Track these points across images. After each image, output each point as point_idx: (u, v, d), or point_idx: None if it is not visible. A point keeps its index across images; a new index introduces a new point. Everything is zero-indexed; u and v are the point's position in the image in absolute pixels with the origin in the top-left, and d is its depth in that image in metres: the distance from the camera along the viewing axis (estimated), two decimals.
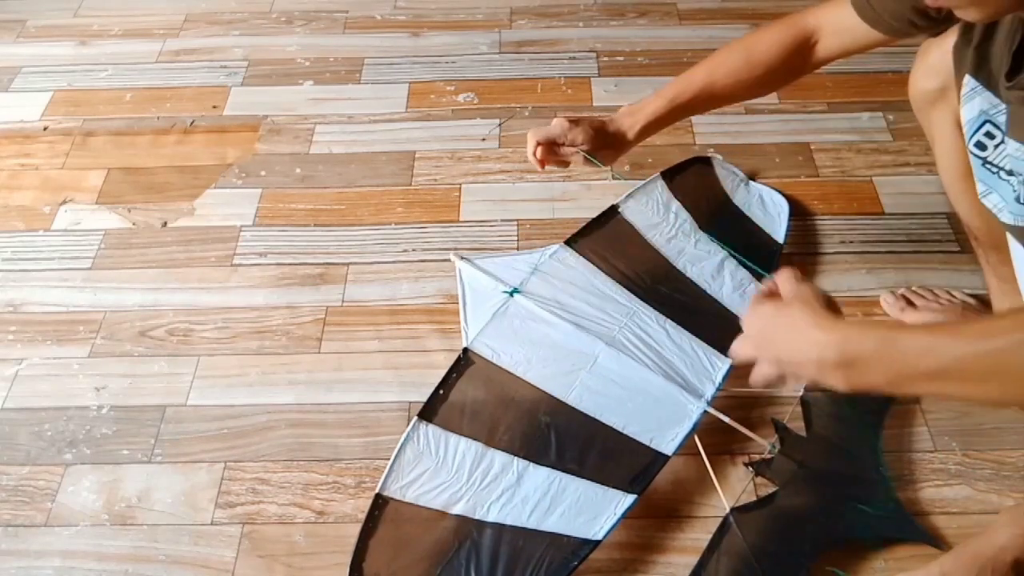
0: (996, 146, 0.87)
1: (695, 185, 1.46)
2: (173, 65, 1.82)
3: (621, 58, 1.79)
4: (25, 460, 1.17)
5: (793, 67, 1.08)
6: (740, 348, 0.79)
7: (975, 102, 0.89)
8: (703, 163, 1.51)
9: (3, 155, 1.63)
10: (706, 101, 1.12)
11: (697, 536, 1.06)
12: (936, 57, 1.03)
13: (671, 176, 1.46)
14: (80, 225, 1.49)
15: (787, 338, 0.74)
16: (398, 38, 1.87)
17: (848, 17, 1.00)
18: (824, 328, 0.71)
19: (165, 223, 1.49)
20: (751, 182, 1.49)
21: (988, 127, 0.88)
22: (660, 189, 1.43)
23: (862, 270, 1.36)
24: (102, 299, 1.37)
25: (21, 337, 1.32)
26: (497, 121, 1.65)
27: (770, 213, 1.43)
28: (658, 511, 1.09)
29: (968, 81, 0.90)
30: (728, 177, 1.49)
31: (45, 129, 1.68)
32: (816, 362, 0.71)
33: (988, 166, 0.89)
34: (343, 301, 1.35)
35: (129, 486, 1.14)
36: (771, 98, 1.67)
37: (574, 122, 1.12)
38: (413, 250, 1.42)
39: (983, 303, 1.27)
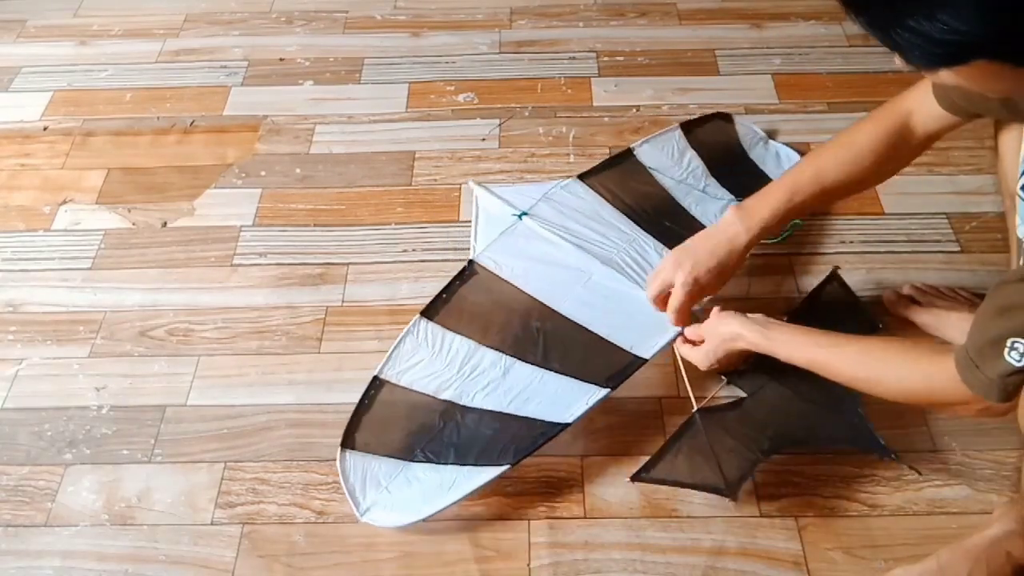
0: None
1: (713, 138, 1.52)
2: (173, 65, 1.82)
3: (621, 58, 1.79)
4: (25, 460, 1.17)
5: (896, 152, 1.09)
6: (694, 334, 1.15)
7: None
8: (724, 119, 1.56)
9: (3, 155, 1.63)
10: (817, 198, 1.12)
11: (697, 536, 1.06)
12: None
13: (690, 128, 1.52)
14: (80, 225, 1.49)
15: (727, 323, 1.09)
16: (398, 38, 1.87)
17: (932, 100, 1.02)
18: (743, 325, 1.07)
19: (165, 223, 1.49)
20: (771, 141, 1.52)
21: None
22: (677, 138, 1.51)
23: (862, 270, 1.36)
24: (102, 299, 1.37)
25: (21, 337, 1.32)
26: (497, 121, 1.65)
27: (783, 168, 1.46)
28: (658, 510, 1.09)
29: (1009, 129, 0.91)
30: (748, 134, 1.53)
31: (45, 129, 1.68)
32: (741, 337, 1.07)
33: None
34: (343, 301, 1.35)
35: (129, 486, 1.14)
36: (771, 98, 1.67)
37: (686, 274, 1.12)
38: (413, 250, 1.42)
39: None
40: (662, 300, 1.17)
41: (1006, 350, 0.79)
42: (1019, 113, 0.93)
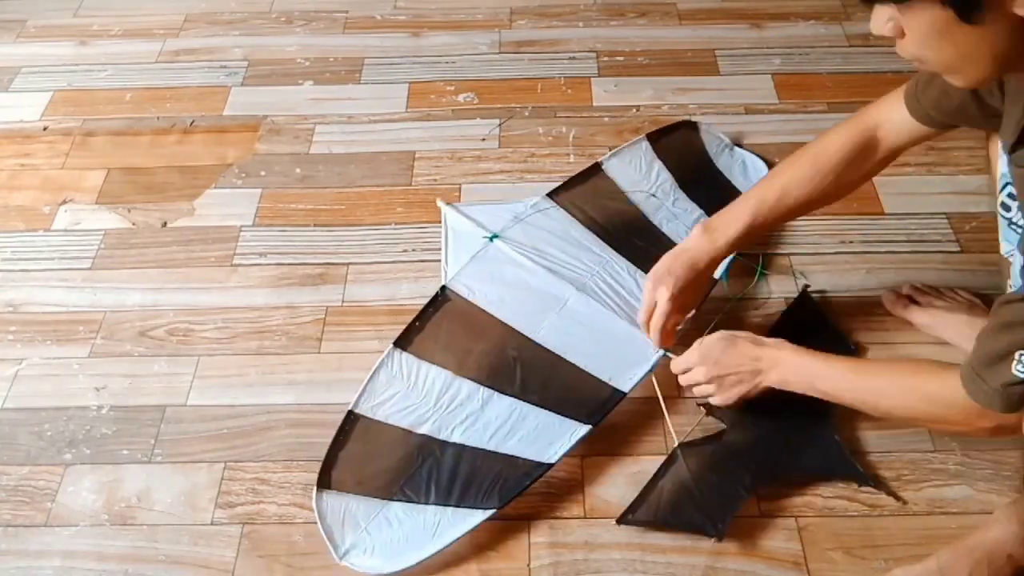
0: (1019, 208, 0.88)
1: (679, 148, 1.52)
2: (173, 65, 1.82)
3: (621, 58, 1.79)
4: (25, 460, 1.17)
5: (861, 167, 1.09)
6: (685, 361, 1.11)
7: (1002, 160, 0.90)
8: (690, 127, 1.56)
9: (3, 155, 1.63)
10: (783, 215, 1.14)
11: (697, 536, 1.06)
12: None
13: (656, 138, 1.51)
14: (80, 225, 1.49)
15: (731, 352, 1.07)
16: (398, 38, 1.87)
17: (903, 112, 1.03)
18: (760, 346, 1.07)
19: (165, 223, 1.49)
20: (736, 148, 1.53)
21: (1009, 188, 0.89)
22: (644, 150, 1.49)
23: (862, 270, 1.36)
24: (102, 299, 1.37)
25: (21, 337, 1.32)
26: (497, 121, 1.65)
27: (750, 178, 1.46)
28: None
29: (998, 139, 0.92)
30: (713, 142, 1.53)
31: (45, 129, 1.68)
32: (752, 369, 1.06)
33: (1013, 227, 0.90)
34: (343, 301, 1.35)
35: (129, 486, 1.14)
36: (771, 98, 1.67)
37: (669, 290, 1.12)
38: (413, 250, 1.42)
39: (987, 301, 1.26)
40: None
41: (1013, 363, 0.80)
42: (990, 115, 0.92)
